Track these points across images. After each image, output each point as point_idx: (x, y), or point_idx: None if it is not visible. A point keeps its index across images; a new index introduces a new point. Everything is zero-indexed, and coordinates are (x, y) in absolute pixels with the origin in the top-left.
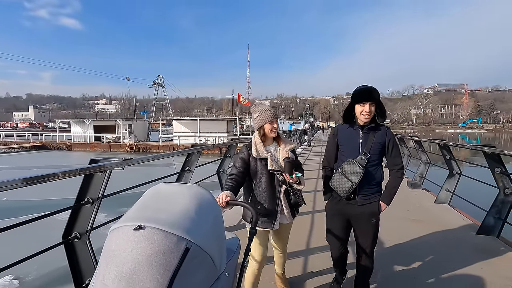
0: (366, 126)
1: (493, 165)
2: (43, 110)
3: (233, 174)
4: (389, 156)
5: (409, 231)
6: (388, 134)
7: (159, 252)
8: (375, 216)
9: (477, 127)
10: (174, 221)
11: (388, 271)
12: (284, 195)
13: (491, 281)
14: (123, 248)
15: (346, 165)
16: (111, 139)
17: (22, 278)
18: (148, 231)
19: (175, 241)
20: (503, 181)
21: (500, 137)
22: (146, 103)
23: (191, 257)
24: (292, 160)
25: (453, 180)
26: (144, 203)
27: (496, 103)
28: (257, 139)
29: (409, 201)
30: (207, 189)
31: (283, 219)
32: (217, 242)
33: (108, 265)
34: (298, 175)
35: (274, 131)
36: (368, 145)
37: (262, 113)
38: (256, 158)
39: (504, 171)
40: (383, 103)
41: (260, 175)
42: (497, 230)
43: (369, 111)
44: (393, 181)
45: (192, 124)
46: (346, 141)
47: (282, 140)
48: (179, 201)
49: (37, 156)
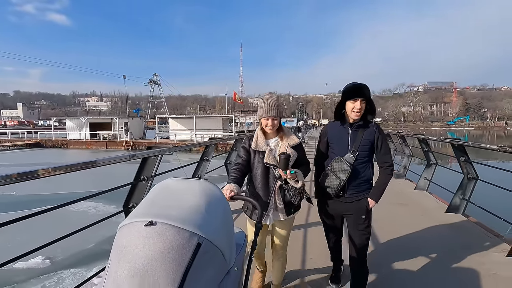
0: (355, 124)
1: (459, 154)
2: (32, 107)
3: (238, 163)
4: (378, 154)
5: (393, 212)
6: (377, 132)
7: (171, 247)
8: (364, 213)
9: (465, 124)
10: (185, 216)
11: (375, 243)
12: (278, 191)
13: (454, 248)
14: (135, 244)
15: (334, 163)
16: (107, 137)
17: (52, 259)
18: (159, 227)
19: (187, 237)
20: (467, 167)
21: (487, 134)
22: (138, 101)
23: (203, 252)
24: (287, 156)
25: (430, 170)
26: (153, 199)
27: (483, 101)
28: (259, 131)
29: (392, 189)
30: (215, 184)
31: (277, 215)
32: (227, 237)
33: (120, 261)
34: (293, 172)
35: (269, 127)
36: (356, 142)
37: (261, 107)
38: (255, 150)
39: (468, 159)
40: (374, 101)
41: (257, 168)
42: (462, 208)
43: (360, 107)
44: (383, 178)
45: (188, 122)
46: (335, 139)
47: (285, 135)
48: (189, 196)
49: (34, 154)
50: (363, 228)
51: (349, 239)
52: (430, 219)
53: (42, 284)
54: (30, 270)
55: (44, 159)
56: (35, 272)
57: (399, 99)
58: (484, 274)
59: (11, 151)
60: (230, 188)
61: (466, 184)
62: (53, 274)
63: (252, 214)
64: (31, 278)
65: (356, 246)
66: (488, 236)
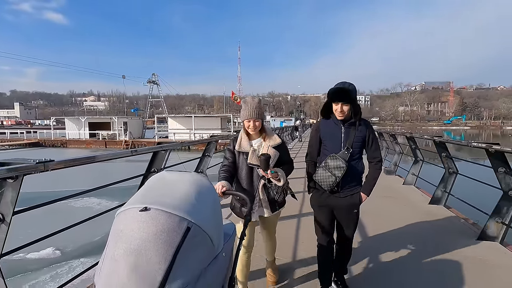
0: (347, 121)
1: (440, 151)
2: (29, 107)
3: (225, 165)
4: (369, 149)
5: (380, 205)
6: (368, 129)
7: (163, 230)
8: (356, 207)
9: (461, 123)
10: (176, 204)
11: (362, 233)
12: (262, 190)
13: (432, 235)
14: (130, 228)
15: (329, 160)
16: (107, 136)
17: (62, 250)
18: (153, 212)
19: (177, 221)
20: (448, 162)
21: (483, 133)
22: (135, 100)
23: (192, 235)
24: (267, 157)
25: (418, 166)
26: (149, 189)
27: (480, 100)
28: (242, 133)
29: (382, 184)
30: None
31: (262, 212)
32: (215, 224)
33: (117, 243)
34: (273, 172)
35: (251, 128)
36: (350, 139)
37: (243, 109)
38: (239, 151)
39: (448, 155)
40: (371, 101)
41: (241, 168)
42: (444, 200)
43: (341, 110)
44: (373, 173)
45: (186, 121)
46: (328, 136)
47: (267, 135)
48: (181, 187)
49: (34, 153)
50: (354, 221)
51: (338, 227)
52: (414, 211)
53: (55, 272)
54: (42, 260)
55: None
56: (47, 261)
57: (396, 98)
58: (456, 256)
59: (11, 150)
60: (221, 183)
61: (447, 178)
62: (64, 263)
63: (241, 211)
64: (44, 267)
65: (346, 233)
66: (464, 224)
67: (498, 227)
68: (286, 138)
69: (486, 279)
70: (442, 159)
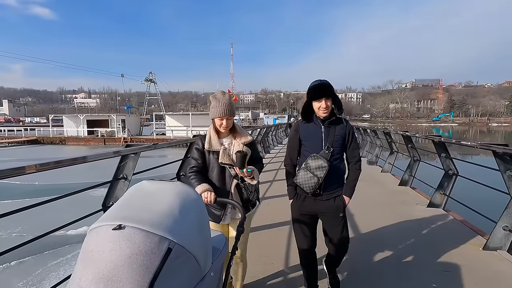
0: (327, 120)
1: (440, 151)
2: (18, 104)
3: (194, 167)
4: (348, 148)
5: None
6: (347, 127)
7: (139, 252)
8: (341, 211)
9: (449, 120)
10: (156, 220)
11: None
12: (235, 190)
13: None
14: (101, 249)
15: (310, 160)
16: (105, 133)
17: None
18: (128, 231)
19: (156, 241)
20: (448, 163)
21: (470, 130)
22: (127, 97)
23: (173, 257)
24: (244, 154)
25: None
26: (126, 202)
27: (468, 98)
28: (212, 130)
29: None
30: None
31: (234, 214)
32: (202, 242)
33: (86, 266)
34: (250, 169)
35: (223, 127)
36: (330, 138)
37: (214, 106)
38: (209, 150)
39: (448, 156)
40: (362, 98)
41: (212, 168)
42: (443, 203)
43: (326, 106)
44: (353, 174)
45: (183, 119)
46: (308, 136)
47: (238, 133)
48: (163, 199)
49: (35, 150)
50: (342, 226)
51: (327, 239)
52: (411, 215)
53: None
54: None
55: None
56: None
57: (387, 95)
58: (460, 267)
59: (10, 147)
60: (208, 189)
61: (446, 180)
62: None
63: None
64: (67, 244)
65: (335, 241)
66: (467, 231)
67: (506, 235)
68: (280, 134)
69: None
70: (441, 160)
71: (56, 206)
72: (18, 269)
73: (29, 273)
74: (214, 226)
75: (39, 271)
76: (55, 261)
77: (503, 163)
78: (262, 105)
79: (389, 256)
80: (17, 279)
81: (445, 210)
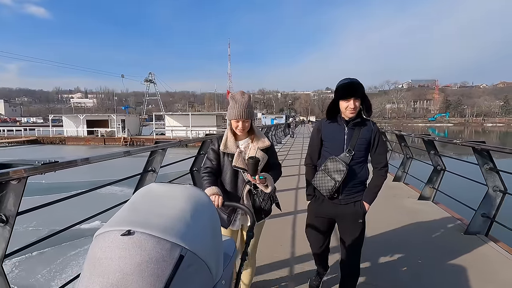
0: (352, 121)
1: (429, 148)
2: (14, 104)
3: (208, 167)
4: (373, 153)
5: None
6: (374, 130)
7: (150, 260)
8: (360, 217)
9: (445, 121)
10: (167, 225)
11: None
12: (247, 196)
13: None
14: (109, 256)
15: (329, 163)
16: (105, 133)
17: None
18: (137, 237)
19: (168, 248)
20: (436, 160)
21: (465, 130)
22: (124, 97)
23: (185, 265)
24: (256, 161)
25: (407, 163)
26: (134, 205)
27: (463, 98)
28: (229, 132)
29: None
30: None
31: (245, 220)
32: (214, 248)
33: (93, 275)
34: (262, 177)
35: (239, 129)
36: (352, 141)
37: (231, 107)
38: (224, 152)
39: (437, 153)
40: None
41: (225, 171)
42: (432, 196)
43: (354, 106)
44: (376, 180)
45: (183, 119)
46: (330, 137)
47: (256, 137)
48: (173, 203)
49: (36, 150)
50: (359, 232)
51: (342, 243)
52: (403, 207)
53: None
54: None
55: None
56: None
57: (384, 96)
58: (444, 250)
59: (11, 147)
60: (216, 192)
61: (435, 175)
62: None
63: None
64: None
65: (351, 251)
66: (451, 219)
67: (483, 221)
68: (279, 134)
69: (474, 272)
70: (431, 156)
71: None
72: (40, 259)
73: (50, 262)
74: (222, 231)
75: (60, 260)
76: (74, 252)
77: (481, 158)
78: (260, 105)
79: (380, 242)
80: (41, 267)
81: (434, 202)
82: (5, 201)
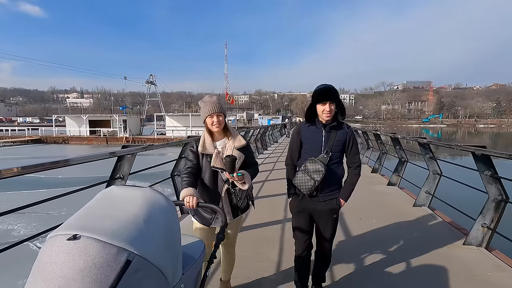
0: (328, 125)
1: (425, 152)
2: (9, 104)
3: (188, 168)
4: (348, 154)
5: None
6: (348, 132)
7: (93, 265)
8: (336, 212)
9: (439, 122)
10: (117, 229)
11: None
12: (226, 195)
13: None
14: (54, 261)
15: (308, 164)
16: (107, 133)
17: None
18: (83, 242)
19: (113, 253)
20: (432, 164)
21: (458, 131)
22: (120, 98)
23: (133, 270)
24: (232, 159)
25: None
26: (90, 209)
27: (457, 100)
28: (206, 133)
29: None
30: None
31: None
32: (170, 252)
33: (37, 280)
34: (240, 174)
35: (215, 125)
36: (330, 143)
37: (203, 107)
38: (203, 153)
39: (432, 156)
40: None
41: (204, 171)
42: (428, 202)
43: (330, 110)
44: (351, 178)
45: (183, 119)
46: (309, 139)
47: (232, 136)
48: (127, 207)
49: (40, 149)
50: (334, 226)
51: (318, 235)
52: (398, 212)
53: None
54: None
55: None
56: None
57: (379, 97)
58: (440, 261)
59: (16, 146)
60: (191, 193)
61: (431, 180)
62: None
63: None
64: None
65: (325, 242)
66: (449, 228)
67: (484, 232)
68: (275, 134)
69: (469, 285)
70: (426, 160)
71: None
72: None
73: None
74: (204, 229)
75: None
76: None
77: (481, 164)
78: (257, 106)
79: (374, 253)
80: None
81: (430, 208)
82: (122, 167)
